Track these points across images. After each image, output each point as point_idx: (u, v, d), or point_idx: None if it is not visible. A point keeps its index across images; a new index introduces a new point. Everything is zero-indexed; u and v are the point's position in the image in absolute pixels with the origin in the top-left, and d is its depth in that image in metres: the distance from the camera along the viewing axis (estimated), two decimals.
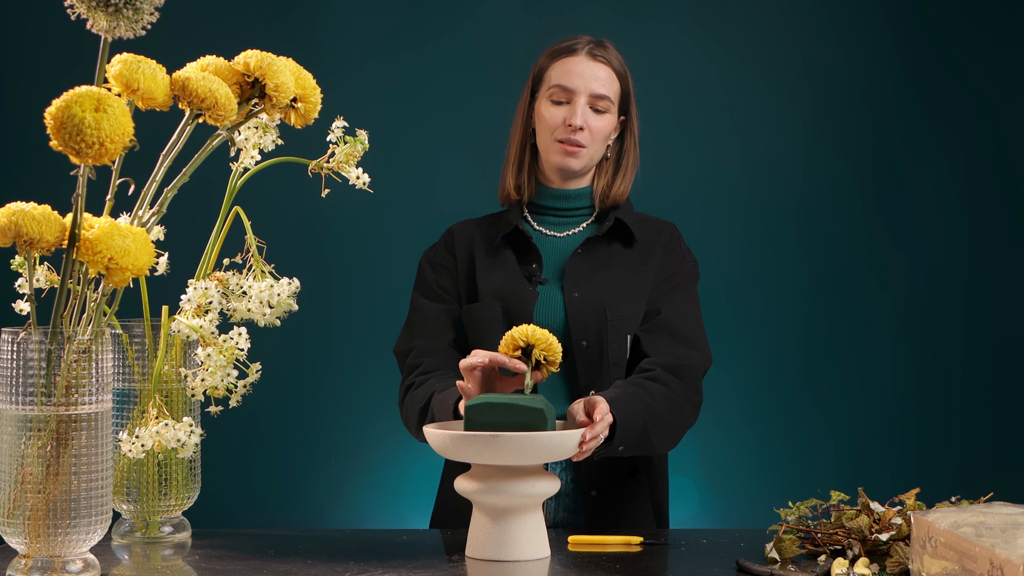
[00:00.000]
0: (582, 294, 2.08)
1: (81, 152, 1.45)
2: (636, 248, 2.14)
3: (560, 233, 2.16)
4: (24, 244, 1.50)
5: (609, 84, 2.11)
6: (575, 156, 2.10)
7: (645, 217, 2.20)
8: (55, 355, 1.51)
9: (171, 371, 1.82)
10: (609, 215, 2.14)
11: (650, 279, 2.12)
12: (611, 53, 2.13)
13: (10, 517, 1.52)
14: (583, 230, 2.17)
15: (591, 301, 2.07)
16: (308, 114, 1.77)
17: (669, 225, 2.20)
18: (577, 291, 2.08)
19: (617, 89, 2.12)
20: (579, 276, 2.09)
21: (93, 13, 1.46)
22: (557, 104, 2.11)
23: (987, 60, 3.46)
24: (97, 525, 1.55)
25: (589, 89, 2.09)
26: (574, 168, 2.12)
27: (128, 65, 1.57)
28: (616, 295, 2.08)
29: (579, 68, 2.10)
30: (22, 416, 1.51)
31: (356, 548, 1.77)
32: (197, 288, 1.79)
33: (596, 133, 2.10)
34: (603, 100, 2.10)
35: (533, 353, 1.83)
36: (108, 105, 1.45)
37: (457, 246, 2.18)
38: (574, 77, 2.10)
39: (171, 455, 1.80)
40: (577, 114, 2.08)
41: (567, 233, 2.16)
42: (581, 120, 2.08)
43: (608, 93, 2.10)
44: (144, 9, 1.46)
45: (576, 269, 2.10)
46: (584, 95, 2.09)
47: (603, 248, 2.12)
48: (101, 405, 1.55)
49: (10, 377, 1.52)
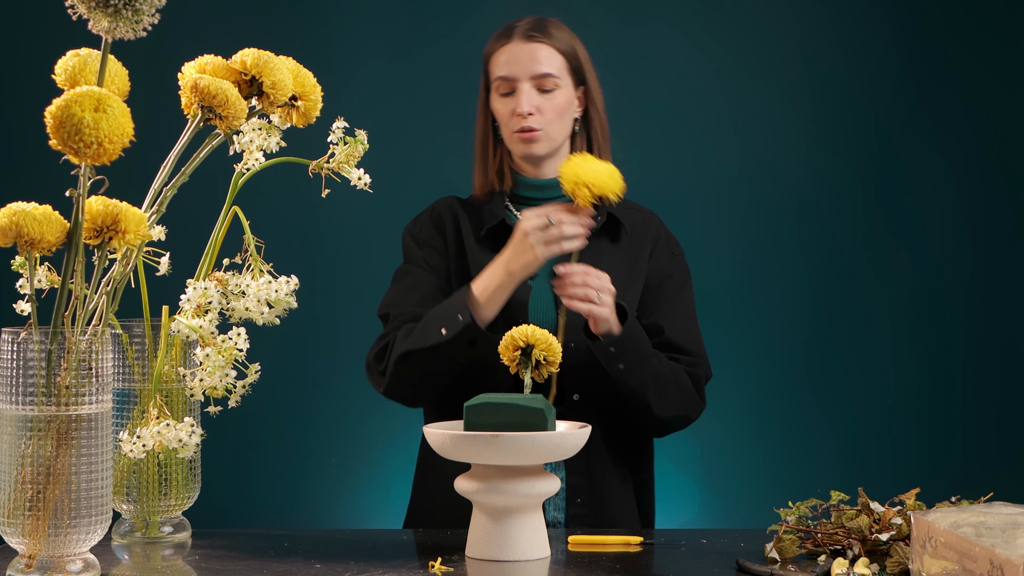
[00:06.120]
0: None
1: (80, 152, 1.45)
2: (625, 242, 2.11)
3: None
4: (25, 244, 1.50)
5: (550, 61, 2.06)
6: (534, 141, 2.06)
7: (629, 206, 2.16)
8: (55, 355, 1.51)
9: (171, 371, 1.82)
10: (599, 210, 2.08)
11: (641, 280, 2.10)
12: (550, 29, 2.08)
13: (10, 517, 1.52)
14: None
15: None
16: (309, 112, 1.77)
17: (654, 217, 2.17)
18: None
19: (562, 63, 2.07)
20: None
21: (93, 13, 1.46)
22: (505, 96, 2.08)
23: (987, 58, 3.46)
24: (97, 525, 1.55)
25: (529, 72, 2.05)
26: (538, 153, 2.08)
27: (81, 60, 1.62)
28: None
29: (516, 54, 2.06)
30: (22, 416, 1.51)
31: (356, 548, 1.77)
32: (197, 288, 1.79)
33: (549, 111, 2.06)
34: (548, 78, 2.05)
35: (533, 353, 1.83)
36: (108, 105, 1.45)
37: (446, 226, 2.13)
38: (512, 65, 2.06)
39: (171, 455, 1.80)
40: (523, 102, 2.04)
41: None
42: (528, 106, 2.04)
43: (550, 70, 2.05)
44: (144, 10, 1.46)
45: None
46: (525, 80, 2.05)
47: (592, 243, 2.07)
48: (101, 405, 1.55)
49: (10, 377, 1.52)
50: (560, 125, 2.08)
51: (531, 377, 1.84)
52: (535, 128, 2.05)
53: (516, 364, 1.86)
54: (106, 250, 1.55)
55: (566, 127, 2.10)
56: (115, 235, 1.53)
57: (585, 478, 2.06)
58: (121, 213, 1.53)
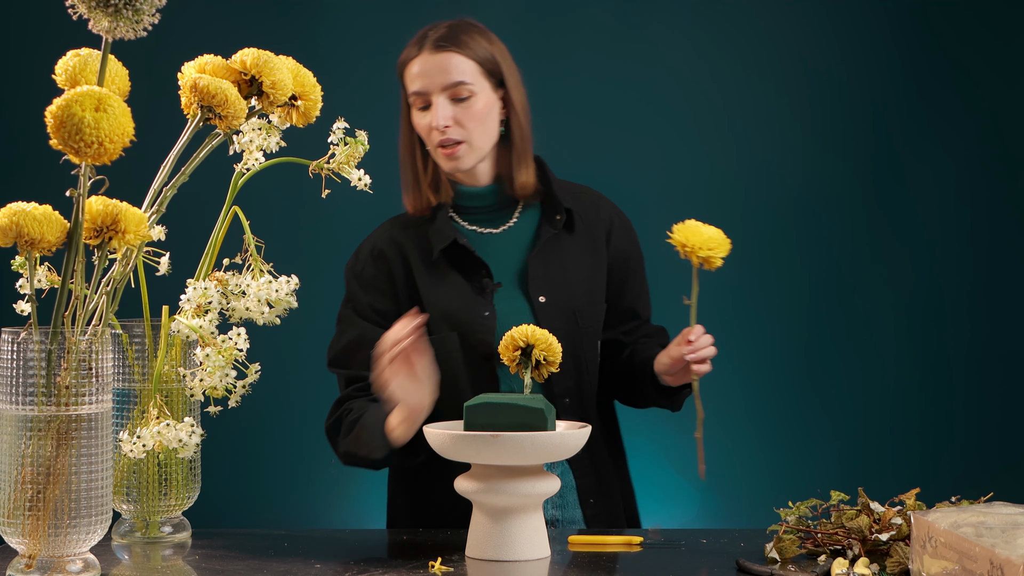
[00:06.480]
0: (549, 298, 2.03)
1: (80, 151, 1.45)
2: (581, 230, 2.09)
3: (496, 228, 2.08)
4: (25, 244, 1.50)
5: (462, 69, 1.98)
6: (457, 156, 2.00)
7: (576, 190, 2.12)
8: (55, 355, 1.51)
9: (171, 371, 1.82)
10: (550, 203, 2.06)
11: (604, 264, 2.09)
12: (461, 36, 2.00)
13: (10, 517, 1.52)
14: (519, 219, 2.08)
15: (559, 304, 2.03)
16: (309, 112, 1.78)
17: (602, 198, 2.14)
18: (543, 295, 2.03)
19: (475, 69, 1.99)
20: (540, 277, 2.04)
21: (93, 13, 1.46)
22: (422, 110, 2.01)
23: (987, 54, 3.46)
24: (97, 525, 1.55)
25: (440, 84, 1.98)
26: (464, 167, 2.02)
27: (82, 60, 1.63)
28: (580, 297, 2.05)
29: (425, 67, 1.99)
30: (22, 416, 1.51)
31: (356, 548, 1.77)
32: (197, 288, 1.79)
33: (468, 120, 1.99)
34: (461, 87, 1.98)
35: (533, 353, 1.84)
36: (108, 105, 1.45)
37: (391, 262, 2.05)
38: (422, 78, 1.99)
39: (171, 455, 1.80)
40: (438, 116, 1.97)
41: (504, 227, 2.08)
42: (444, 120, 1.97)
43: (463, 78, 1.98)
44: (144, 10, 1.46)
45: (536, 270, 2.04)
46: (438, 92, 1.98)
47: (552, 239, 2.06)
48: (101, 405, 1.55)
49: (10, 377, 1.52)
50: (482, 132, 2.01)
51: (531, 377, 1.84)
52: (457, 141, 1.99)
53: (516, 364, 1.86)
54: (106, 250, 1.55)
55: (490, 133, 2.02)
56: (115, 235, 1.53)
57: (593, 478, 2.06)
58: (121, 213, 1.53)
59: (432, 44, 1.99)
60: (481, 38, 2.01)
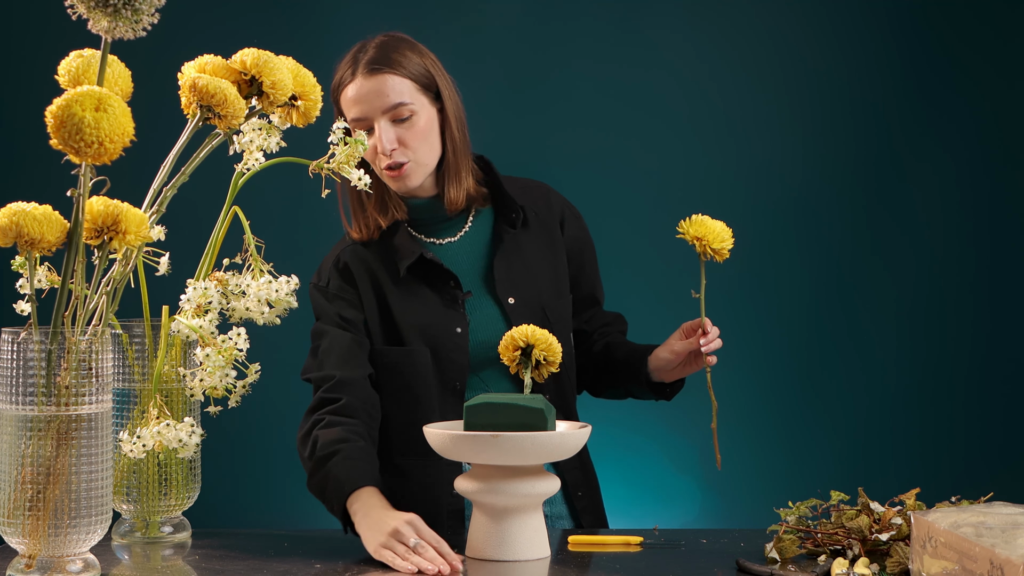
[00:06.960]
0: (518, 298, 2.02)
1: (80, 151, 1.45)
2: (535, 225, 2.08)
3: (454, 237, 2.06)
4: (25, 244, 1.50)
5: (399, 90, 1.95)
6: (405, 176, 1.98)
7: (523, 186, 2.11)
8: (55, 355, 1.51)
9: (171, 371, 1.82)
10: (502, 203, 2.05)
11: (563, 255, 2.10)
12: (392, 55, 1.97)
13: (10, 517, 1.52)
14: (473, 224, 2.07)
15: (528, 303, 2.02)
16: (309, 112, 1.78)
17: (549, 189, 2.14)
18: (511, 296, 2.02)
19: (411, 87, 1.96)
20: (505, 279, 2.03)
21: (93, 13, 1.46)
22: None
23: (987, 54, 3.46)
24: (97, 525, 1.55)
25: (380, 108, 1.94)
26: (412, 186, 2.00)
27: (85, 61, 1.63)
28: (547, 292, 2.05)
29: (361, 92, 1.95)
30: (22, 416, 1.51)
31: (356, 548, 1.77)
32: (197, 288, 1.79)
33: (412, 139, 1.96)
34: (401, 107, 1.95)
35: (533, 353, 1.84)
36: (108, 105, 1.45)
37: (356, 275, 2.02)
38: (361, 104, 1.95)
39: (171, 455, 1.80)
40: (383, 140, 1.95)
41: (460, 234, 2.06)
42: (389, 144, 1.95)
43: (401, 99, 1.95)
44: (144, 10, 1.46)
45: (501, 272, 2.03)
46: (379, 116, 1.95)
47: (509, 239, 2.05)
48: (101, 405, 1.55)
49: (10, 377, 1.52)
50: (427, 148, 1.99)
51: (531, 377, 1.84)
52: (403, 162, 1.97)
53: (516, 364, 1.86)
54: (106, 250, 1.55)
55: (435, 148, 2.00)
56: (115, 235, 1.53)
57: (580, 472, 2.06)
58: (122, 213, 1.53)
59: (365, 68, 1.96)
60: (412, 53, 1.99)
